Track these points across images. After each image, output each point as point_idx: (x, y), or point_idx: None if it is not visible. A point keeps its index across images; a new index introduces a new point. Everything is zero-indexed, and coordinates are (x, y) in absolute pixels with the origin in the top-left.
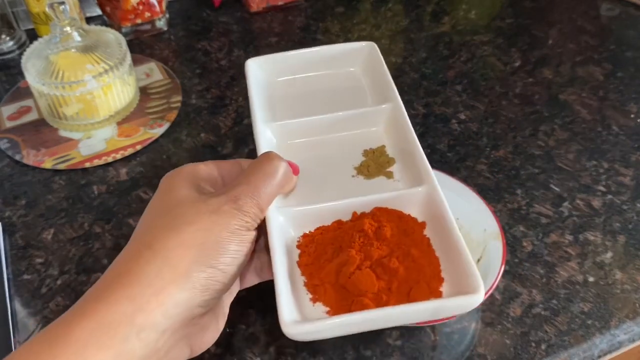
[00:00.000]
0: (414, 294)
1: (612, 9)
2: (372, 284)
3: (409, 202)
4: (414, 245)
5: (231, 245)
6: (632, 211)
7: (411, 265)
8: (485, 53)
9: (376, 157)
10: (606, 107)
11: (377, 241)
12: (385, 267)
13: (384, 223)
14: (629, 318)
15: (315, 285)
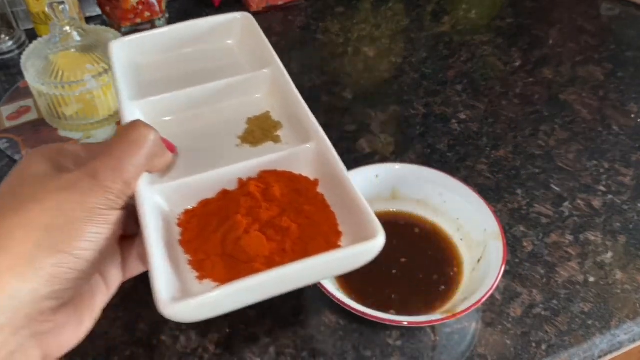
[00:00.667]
0: (312, 250)
1: (613, 9)
2: (262, 247)
3: (299, 161)
4: (307, 203)
5: (88, 227)
6: (633, 211)
7: (305, 223)
8: (485, 53)
9: (260, 123)
10: (606, 107)
11: (266, 202)
12: (276, 227)
13: (272, 184)
14: (630, 318)
15: (201, 260)
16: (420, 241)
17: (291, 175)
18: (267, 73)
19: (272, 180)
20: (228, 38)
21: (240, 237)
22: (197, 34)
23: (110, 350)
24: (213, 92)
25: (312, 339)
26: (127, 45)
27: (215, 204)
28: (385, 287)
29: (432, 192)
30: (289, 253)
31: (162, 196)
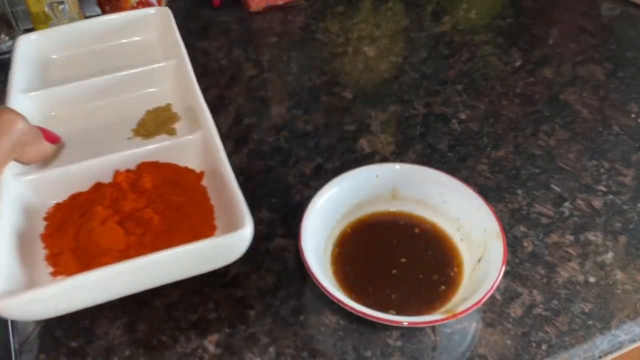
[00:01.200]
0: (174, 244)
1: (613, 9)
2: (117, 240)
3: (186, 153)
4: (183, 195)
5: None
6: (633, 211)
7: (174, 215)
8: (485, 53)
9: (157, 115)
10: (607, 107)
11: (133, 194)
12: (138, 220)
13: (145, 175)
14: (630, 318)
15: (56, 255)
16: (421, 241)
17: (174, 167)
18: (170, 65)
19: (147, 172)
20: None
21: (93, 229)
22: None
23: (109, 350)
24: (113, 84)
25: (312, 339)
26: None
27: (85, 196)
28: (386, 287)
29: (432, 192)
30: (148, 246)
31: (30, 188)
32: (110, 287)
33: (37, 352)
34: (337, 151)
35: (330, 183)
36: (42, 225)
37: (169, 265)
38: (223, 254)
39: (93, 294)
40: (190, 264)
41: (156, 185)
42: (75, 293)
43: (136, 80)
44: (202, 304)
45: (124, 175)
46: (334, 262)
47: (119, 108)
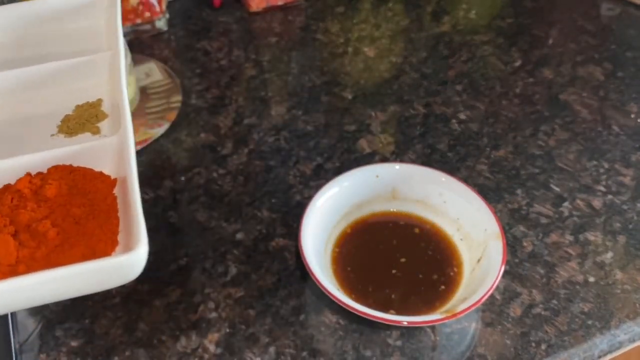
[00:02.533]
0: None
1: (613, 9)
2: (7, 253)
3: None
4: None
5: None
6: (633, 211)
7: (72, 229)
8: (485, 53)
9: (84, 111)
10: (607, 107)
11: (34, 202)
12: (33, 232)
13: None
14: (630, 318)
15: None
16: (420, 241)
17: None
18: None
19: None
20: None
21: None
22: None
23: (110, 350)
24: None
25: (312, 339)
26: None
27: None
28: (385, 287)
29: (432, 192)
30: (40, 261)
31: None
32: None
33: (37, 351)
34: (337, 151)
35: (330, 183)
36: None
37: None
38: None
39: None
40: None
41: (60, 194)
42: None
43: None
44: (202, 303)
45: (27, 181)
46: (334, 262)
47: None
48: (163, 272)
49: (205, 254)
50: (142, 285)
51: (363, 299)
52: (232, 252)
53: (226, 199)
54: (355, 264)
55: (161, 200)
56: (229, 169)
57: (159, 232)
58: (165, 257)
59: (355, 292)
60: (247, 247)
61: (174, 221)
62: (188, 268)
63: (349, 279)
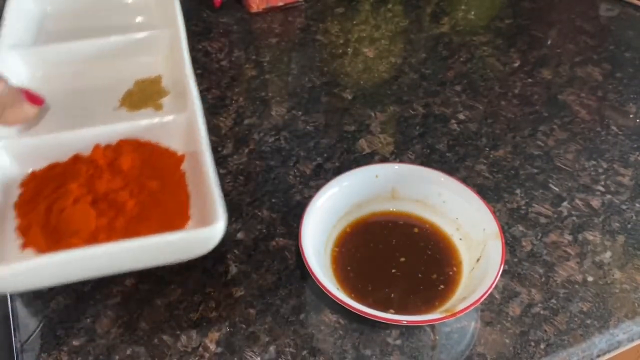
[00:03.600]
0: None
1: (611, 10)
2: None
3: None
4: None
5: None
6: (631, 211)
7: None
8: (484, 53)
9: (145, 86)
10: (605, 107)
11: (109, 174)
12: (111, 202)
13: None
14: (628, 317)
15: (25, 227)
16: (420, 241)
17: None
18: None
19: (127, 151)
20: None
21: (64, 208)
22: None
23: (111, 349)
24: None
25: (312, 338)
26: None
27: (62, 168)
28: (385, 286)
29: (432, 192)
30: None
31: (8, 153)
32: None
33: (39, 351)
34: (337, 151)
35: (330, 183)
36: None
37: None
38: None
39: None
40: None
41: (134, 167)
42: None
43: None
44: (203, 302)
45: (102, 153)
46: (334, 261)
47: (109, 74)
48: (164, 271)
49: (206, 253)
50: (142, 284)
51: (363, 299)
52: (233, 251)
53: (227, 198)
54: (355, 263)
55: None
56: (229, 168)
57: None
58: None
59: (355, 292)
60: (248, 247)
61: None
62: (189, 267)
63: (348, 279)
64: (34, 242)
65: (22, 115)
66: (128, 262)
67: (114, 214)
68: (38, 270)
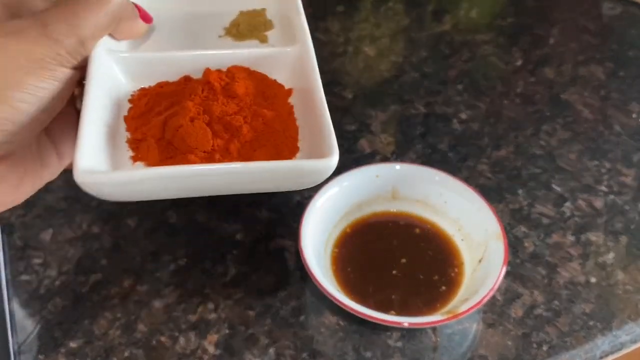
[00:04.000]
0: (258, 157)
1: (614, 8)
2: (204, 139)
3: (277, 65)
4: (271, 109)
5: (30, 78)
6: (634, 211)
7: (261, 128)
8: (486, 52)
9: (251, 17)
10: (608, 107)
11: (224, 97)
12: (227, 124)
13: (239, 80)
14: (631, 319)
15: (138, 140)
16: (421, 241)
17: (264, 77)
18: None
19: (240, 77)
20: None
21: (182, 125)
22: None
23: (109, 351)
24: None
25: (312, 340)
26: None
27: (173, 87)
28: (386, 287)
29: (433, 192)
30: (232, 154)
31: (121, 67)
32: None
33: (36, 352)
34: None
35: (330, 183)
36: (127, 108)
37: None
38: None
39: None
40: (268, 181)
41: (247, 94)
42: (157, 183)
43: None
44: (201, 304)
45: (217, 76)
46: (334, 262)
47: (214, 2)
48: (162, 272)
49: (205, 254)
50: (141, 285)
51: (363, 300)
52: (232, 252)
53: (226, 199)
54: (356, 264)
55: (160, 200)
56: None
57: (158, 232)
58: (164, 257)
59: (355, 293)
60: (247, 248)
61: (173, 221)
62: (187, 268)
63: (349, 280)
64: (146, 155)
65: (134, 30)
66: (242, 185)
67: (229, 137)
68: (155, 181)
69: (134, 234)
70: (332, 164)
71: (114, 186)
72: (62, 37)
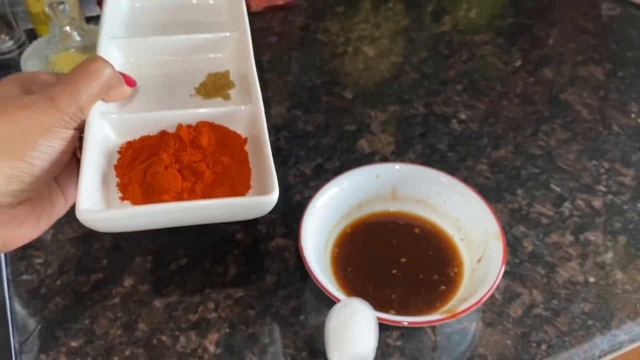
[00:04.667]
0: (217, 195)
1: (613, 9)
2: (175, 183)
3: (236, 120)
4: (229, 156)
5: (42, 141)
6: (633, 211)
7: (220, 172)
8: (485, 53)
9: (217, 79)
10: (607, 107)
11: (191, 148)
12: (193, 170)
13: (203, 133)
14: (630, 318)
15: (125, 184)
16: (421, 241)
17: (225, 130)
18: (233, 36)
19: (205, 131)
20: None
21: (158, 172)
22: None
23: (109, 350)
24: (185, 44)
25: (312, 339)
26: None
27: (152, 140)
28: (386, 287)
29: (433, 192)
30: (197, 193)
31: (111, 126)
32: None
33: (37, 352)
34: (337, 151)
35: (330, 183)
36: (116, 158)
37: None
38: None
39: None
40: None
41: (210, 144)
42: (141, 218)
43: (204, 44)
44: (202, 303)
45: (186, 131)
46: (334, 262)
47: (186, 66)
48: (163, 272)
49: (205, 254)
50: (141, 285)
51: (363, 299)
52: (232, 252)
53: None
54: (355, 264)
55: None
56: None
57: (158, 232)
58: (165, 257)
59: (355, 292)
60: (247, 247)
61: None
62: (188, 268)
63: (349, 279)
64: (132, 196)
65: (122, 94)
66: (203, 217)
67: (195, 180)
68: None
69: (135, 234)
70: (272, 199)
71: (107, 221)
72: (65, 106)
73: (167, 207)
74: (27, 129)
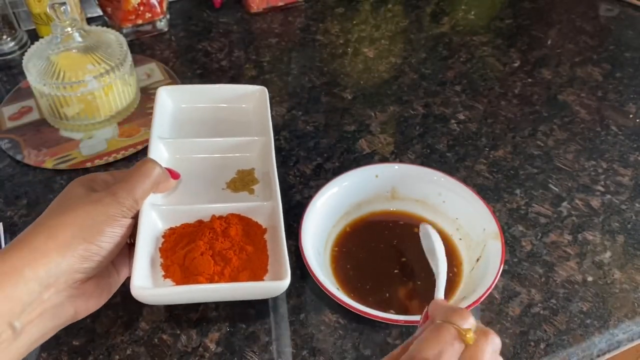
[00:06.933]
0: (241, 278)
1: (611, 10)
2: (208, 267)
3: (258, 212)
4: (251, 244)
5: (107, 228)
6: (631, 211)
7: (244, 258)
8: (484, 53)
9: (244, 176)
10: (605, 108)
11: (222, 237)
12: (223, 256)
13: (232, 225)
14: (628, 317)
15: (167, 265)
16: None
17: (249, 221)
18: (260, 140)
19: (233, 222)
20: (246, 102)
21: (195, 257)
22: (225, 93)
23: (111, 349)
24: (220, 144)
25: (312, 338)
26: (172, 92)
27: (191, 228)
28: (385, 286)
29: (432, 192)
30: (226, 276)
31: (158, 214)
32: (201, 296)
33: (39, 350)
34: (337, 151)
35: (330, 183)
36: (161, 241)
37: (235, 291)
38: (266, 293)
39: (190, 297)
40: (246, 294)
41: (237, 234)
42: (181, 295)
43: (236, 145)
44: (202, 302)
45: (218, 223)
46: (334, 261)
47: (220, 162)
48: None
49: None
50: None
51: (363, 298)
52: None
53: None
54: (355, 263)
55: None
56: None
57: None
58: None
59: (355, 291)
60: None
61: None
62: None
63: (348, 278)
64: (172, 275)
65: (168, 187)
66: (229, 296)
67: (224, 265)
68: (178, 294)
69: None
70: (285, 284)
71: (155, 297)
72: (124, 200)
73: (202, 288)
74: (96, 219)
